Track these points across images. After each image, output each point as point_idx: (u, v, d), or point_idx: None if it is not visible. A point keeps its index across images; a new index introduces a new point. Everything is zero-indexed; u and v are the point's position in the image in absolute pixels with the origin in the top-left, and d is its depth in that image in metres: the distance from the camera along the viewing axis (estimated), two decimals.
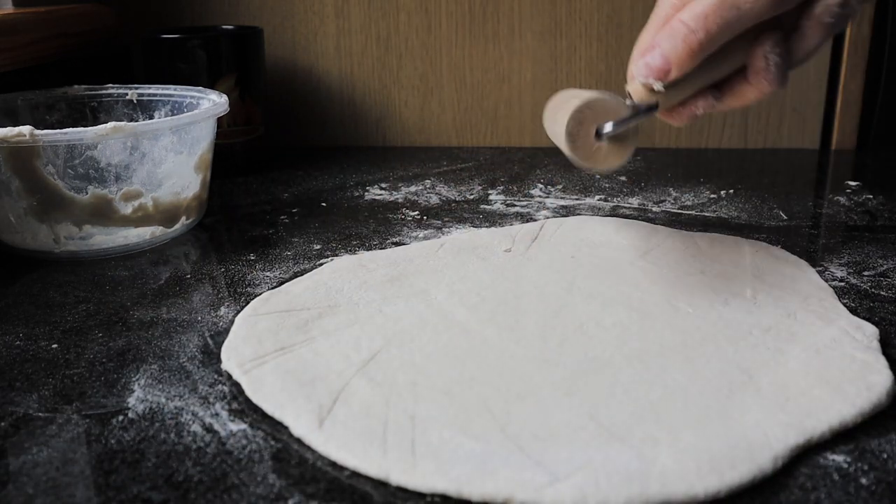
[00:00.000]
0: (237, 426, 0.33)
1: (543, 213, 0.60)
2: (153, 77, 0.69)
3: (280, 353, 0.38)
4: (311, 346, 0.38)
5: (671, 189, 0.66)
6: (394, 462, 0.30)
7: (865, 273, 0.48)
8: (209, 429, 0.33)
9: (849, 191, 0.65)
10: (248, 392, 0.35)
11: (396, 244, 0.54)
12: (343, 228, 0.57)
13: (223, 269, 0.50)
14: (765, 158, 0.76)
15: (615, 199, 0.63)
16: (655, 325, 0.40)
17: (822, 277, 0.46)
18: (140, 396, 0.36)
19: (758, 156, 0.77)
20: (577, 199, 0.63)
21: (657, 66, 0.38)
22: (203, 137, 0.55)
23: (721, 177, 0.69)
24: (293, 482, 0.30)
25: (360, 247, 0.53)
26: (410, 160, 0.77)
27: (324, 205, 0.63)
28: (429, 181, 0.69)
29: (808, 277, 0.45)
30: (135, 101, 0.63)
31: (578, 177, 0.69)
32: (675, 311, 0.41)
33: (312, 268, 0.49)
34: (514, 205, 0.62)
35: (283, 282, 0.47)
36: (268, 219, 0.60)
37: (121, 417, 0.34)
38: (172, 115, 0.60)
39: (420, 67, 0.81)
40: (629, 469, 0.29)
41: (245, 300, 0.45)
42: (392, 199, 0.64)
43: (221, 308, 0.44)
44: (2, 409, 0.35)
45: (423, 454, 0.30)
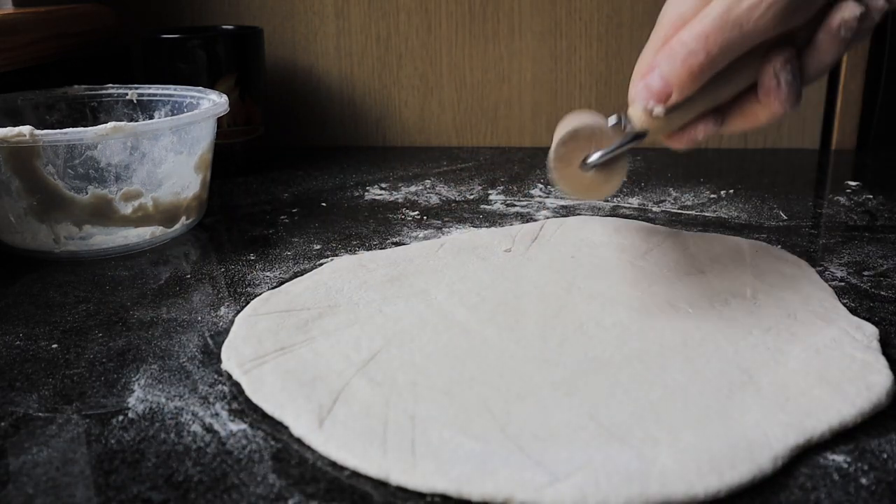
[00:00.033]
0: (237, 426, 0.33)
1: (543, 213, 0.60)
2: (153, 77, 0.69)
3: (280, 353, 0.38)
4: (311, 346, 0.38)
5: (671, 189, 0.66)
6: (394, 462, 0.30)
7: (865, 273, 0.48)
8: (209, 429, 0.33)
9: (849, 191, 0.65)
10: (248, 392, 0.35)
11: (396, 244, 0.54)
12: (343, 228, 0.57)
13: (223, 269, 0.50)
14: (765, 158, 0.76)
15: (615, 199, 0.63)
16: (655, 325, 0.40)
17: (822, 277, 0.46)
18: (140, 396, 0.36)
19: (758, 156, 0.77)
20: (577, 199, 0.63)
21: (657, 90, 0.36)
22: (203, 137, 0.55)
23: (721, 177, 0.69)
24: (293, 482, 0.30)
25: (360, 247, 0.53)
26: (410, 160, 0.77)
27: (324, 205, 0.63)
28: (429, 181, 0.69)
29: (808, 277, 0.45)
30: (135, 101, 0.63)
31: None
32: (675, 311, 0.41)
33: (312, 268, 0.49)
34: (514, 205, 0.62)
35: (283, 282, 0.47)
36: (268, 219, 0.60)
37: (121, 417, 0.34)
38: (172, 115, 0.60)
39: (420, 67, 0.81)
40: (629, 469, 0.29)
41: (245, 300, 0.45)
42: (392, 199, 0.64)
43: (221, 308, 0.44)
44: (2, 409, 0.35)
45: (423, 454, 0.30)
